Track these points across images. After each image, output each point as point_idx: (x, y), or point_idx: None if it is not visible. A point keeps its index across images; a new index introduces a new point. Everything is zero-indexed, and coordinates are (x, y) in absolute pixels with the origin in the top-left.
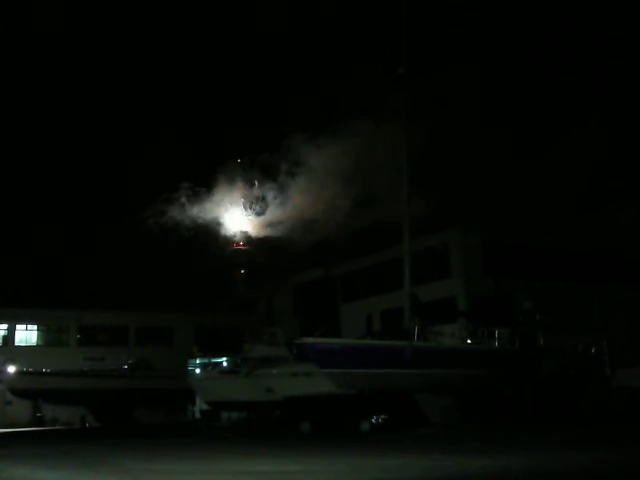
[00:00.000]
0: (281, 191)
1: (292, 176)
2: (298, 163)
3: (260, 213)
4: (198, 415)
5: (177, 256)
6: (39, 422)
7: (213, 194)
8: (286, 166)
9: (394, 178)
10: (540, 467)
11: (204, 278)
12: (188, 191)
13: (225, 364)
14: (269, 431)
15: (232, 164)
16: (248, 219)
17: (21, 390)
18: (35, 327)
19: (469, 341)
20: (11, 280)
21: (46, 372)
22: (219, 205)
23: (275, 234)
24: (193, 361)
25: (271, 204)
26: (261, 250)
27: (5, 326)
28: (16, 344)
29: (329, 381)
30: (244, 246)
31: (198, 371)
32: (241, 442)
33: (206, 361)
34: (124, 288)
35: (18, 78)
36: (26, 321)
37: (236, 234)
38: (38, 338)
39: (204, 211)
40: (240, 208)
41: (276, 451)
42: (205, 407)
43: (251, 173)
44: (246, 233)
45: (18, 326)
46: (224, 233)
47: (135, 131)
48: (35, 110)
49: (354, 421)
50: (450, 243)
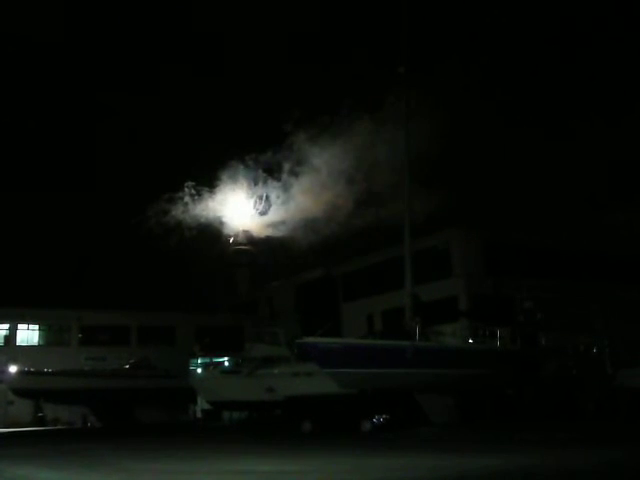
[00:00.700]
0: (284, 190)
1: (295, 175)
2: (301, 162)
3: (263, 213)
4: (199, 415)
5: (179, 255)
6: (41, 422)
7: (216, 193)
8: (289, 165)
9: (396, 177)
10: (541, 467)
11: (206, 278)
12: (191, 190)
13: (226, 364)
14: (270, 431)
15: (236, 163)
16: (252, 218)
17: (23, 390)
18: (37, 327)
19: (470, 341)
20: (13, 280)
21: (48, 372)
22: (221, 204)
23: (277, 234)
24: (194, 361)
25: (274, 204)
26: (263, 250)
27: (7, 326)
28: (18, 344)
29: (330, 381)
30: (246, 246)
31: (199, 371)
32: (242, 442)
33: (207, 361)
34: (125, 288)
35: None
36: (28, 321)
37: (238, 233)
38: (40, 338)
39: (206, 210)
40: (243, 207)
41: (277, 451)
42: (206, 407)
43: (255, 172)
44: (248, 232)
45: (20, 326)
46: (226, 232)
47: (136, 131)
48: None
49: (355, 421)
50: (451, 243)
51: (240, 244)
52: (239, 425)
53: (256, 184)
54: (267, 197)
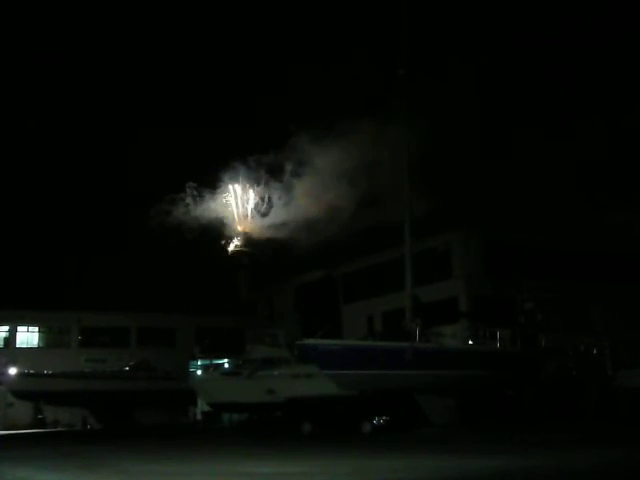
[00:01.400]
0: (286, 191)
1: (297, 176)
2: (303, 163)
3: (265, 214)
4: (199, 416)
5: (179, 257)
6: (40, 424)
7: (217, 194)
8: (291, 166)
9: (397, 178)
10: (541, 467)
11: (206, 279)
12: (193, 191)
13: (226, 365)
14: (270, 432)
15: (237, 164)
16: (254, 219)
17: (22, 392)
18: (36, 329)
19: (470, 342)
20: (12, 282)
21: (47, 374)
22: (223, 205)
23: (279, 235)
24: (194, 362)
25: (275, 205)
26: (264, 251)
27: (6, 328)
28: (17, 346)
29: (330, 382)
30: (247, 247)
31: (199, 372)
32: (242, 443)
33: (207, 362)
34: (126, 289)
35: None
36: (27, 323)
37: (239, 235)
38: (39, 340)
39: (208, 211)
40: (244, 209)
41: (277, 452)
42: (206, 408)
43: (256, 173)
44: (249, 234)
45: (19, 328)
46: (227, 233)
47: (136, 131)
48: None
49: (355, 422)
50: (451, 244)
51: (241, 245)
52: (239, 427)
53: (258, 185)
54: (269, 198)
